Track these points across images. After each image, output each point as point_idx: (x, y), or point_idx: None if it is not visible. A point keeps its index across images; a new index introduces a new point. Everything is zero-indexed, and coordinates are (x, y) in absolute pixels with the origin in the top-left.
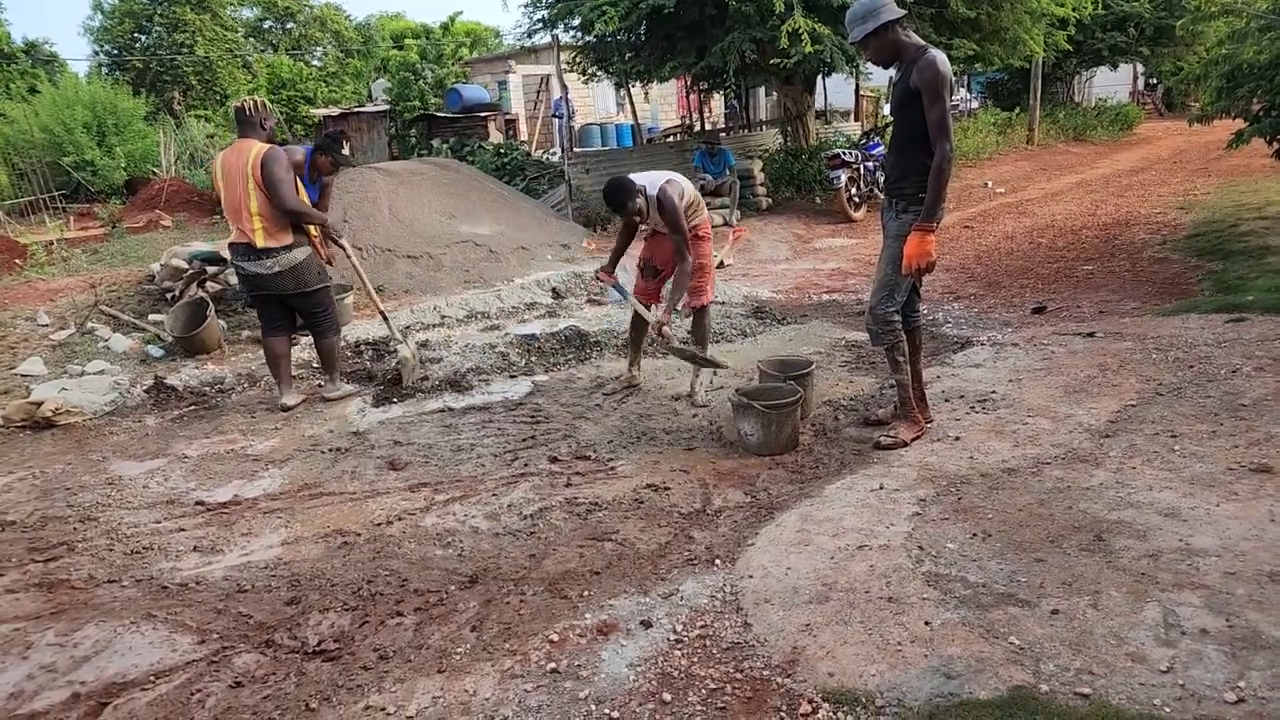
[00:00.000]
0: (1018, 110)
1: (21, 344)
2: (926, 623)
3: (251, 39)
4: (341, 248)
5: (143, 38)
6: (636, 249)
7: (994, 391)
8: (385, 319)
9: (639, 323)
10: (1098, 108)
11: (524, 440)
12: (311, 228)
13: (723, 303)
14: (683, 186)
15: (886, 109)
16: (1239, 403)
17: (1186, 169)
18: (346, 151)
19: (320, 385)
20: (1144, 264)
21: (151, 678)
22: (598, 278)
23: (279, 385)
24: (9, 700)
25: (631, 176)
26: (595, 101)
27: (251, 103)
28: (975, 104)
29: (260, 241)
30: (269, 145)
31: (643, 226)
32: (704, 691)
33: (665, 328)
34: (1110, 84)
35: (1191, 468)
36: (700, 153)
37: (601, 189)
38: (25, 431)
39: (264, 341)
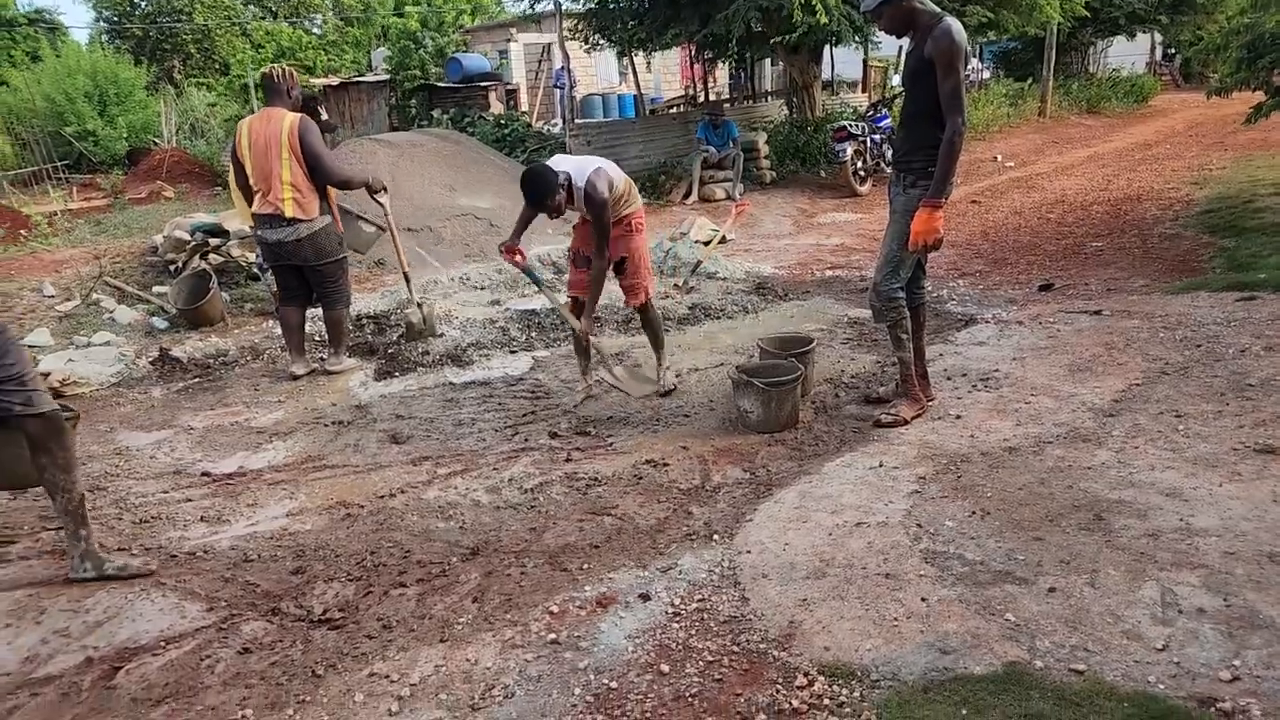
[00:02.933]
0: (1030, 81)
1: (28, 315)
2: (923, 599)
3: (251, 6)
4: (381, 205)
5: (142, 4)
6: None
7: (997, 370)
8: (407, 280)
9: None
10: (1112, 79)
11: (524, 415)
12: (332, 200)
13: (724, 278)
14: (612, 176)
15: (895, 80)
16: (1246, 383)
17: (1202, 143)
18: (325, 116)
19: (323, 358)
20: (1155, 241)
21: (162, 643)
22: (502, 253)
23: (290, 353)
24: (24, 663)
25: (558, 161)
26: (597, 71)
27: (280, 70)
28: (987, 74)
29: (289, 211)
30: (301, 115)
31: (570, 214)
32: (701, 663)
33: (592, 337)
34: (1126, 54)
35: (1195, 448)
36: (703, 124)
37: (528, 173)
38: None
39: (279, 311)
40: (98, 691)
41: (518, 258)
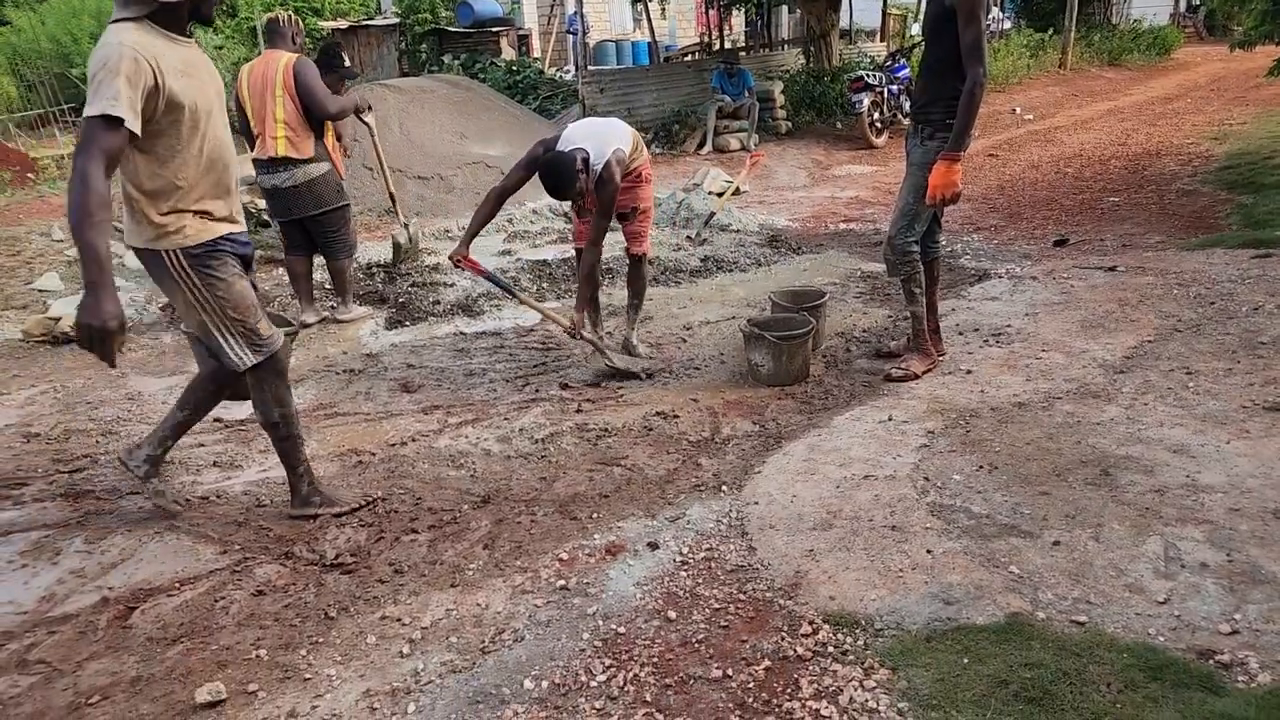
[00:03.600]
0: (1051, 32)
1: (37, 259)
2: (928, 551)
3: None
4: (367, 125)
5: None
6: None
7: (1009, 325)
8: (393, 200)
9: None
10: (1134, 30)
11: (535, 366)
12: (330, 140)
13: (737, 230)
14: (625, 150)
15: (915, 29)
16: (1258, 340)
17: (1224, 97)
18: (348, 63)
19: (333, 308)
20: (1172, 196)
21: (177, 584)
22: (455, 264)
23: (300, 302)
24: (41, 602)
25: (572, 136)
26: (611, 17)
27: (286, 15)
28: (1008, 24)
29: (282, 150)
30: (298, 55)
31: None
32: (708, 610)
33: (583, 330)
34: (1150, 4)
35: (1205, 405)
36: (718, 73)
37: (545, 165)
38: (45, 346)
39: (285, 260)
40: (114, 630)
41: (470, 265)
